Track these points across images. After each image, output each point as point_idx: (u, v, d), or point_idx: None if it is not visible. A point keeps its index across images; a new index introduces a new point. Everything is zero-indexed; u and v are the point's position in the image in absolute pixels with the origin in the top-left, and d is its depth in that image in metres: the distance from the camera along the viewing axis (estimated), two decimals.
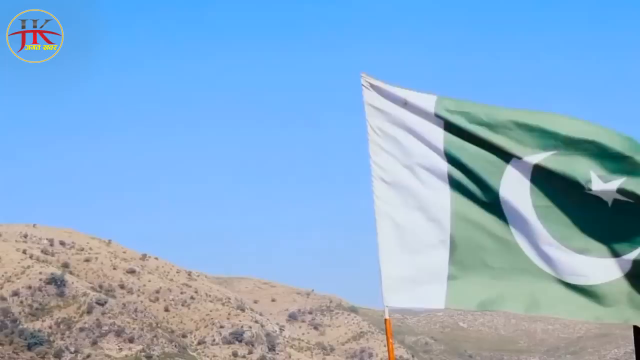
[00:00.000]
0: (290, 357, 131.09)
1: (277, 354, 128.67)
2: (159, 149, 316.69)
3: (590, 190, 6.84)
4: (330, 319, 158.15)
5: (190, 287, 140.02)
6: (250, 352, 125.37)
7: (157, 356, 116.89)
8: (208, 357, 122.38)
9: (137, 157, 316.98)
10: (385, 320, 6.97)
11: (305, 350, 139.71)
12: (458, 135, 7.04)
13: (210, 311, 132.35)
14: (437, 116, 7.04)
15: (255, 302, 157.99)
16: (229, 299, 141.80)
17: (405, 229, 7.08)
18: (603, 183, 6.85)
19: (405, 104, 7.11)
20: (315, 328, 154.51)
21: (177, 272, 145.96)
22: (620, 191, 6.78)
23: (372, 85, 7.20)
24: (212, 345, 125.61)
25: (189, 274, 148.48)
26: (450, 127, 7.06)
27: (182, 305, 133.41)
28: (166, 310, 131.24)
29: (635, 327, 6.95)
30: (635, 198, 6.76)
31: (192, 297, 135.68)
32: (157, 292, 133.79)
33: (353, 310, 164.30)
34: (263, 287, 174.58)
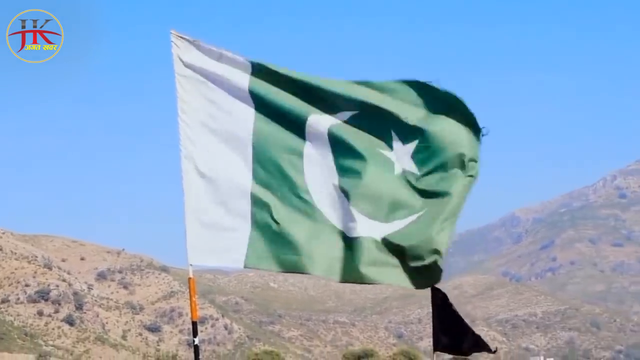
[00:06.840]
0: (98, 316, 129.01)
1: (85, 312, 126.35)
2: None
3: (391, 148, 6.94)
4: (141, 278, 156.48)
5: None
6: (56, 311, 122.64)
7: None
8: (12, 316, 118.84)
9: None
10: (189, 279, 6.97)
11: (114, 310, 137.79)
12: (266, 96, 7.05)
13: (16, 269, 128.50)
14: (250, 72, 7.03)
15: (64, 260, 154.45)
16: (36, 257, 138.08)
17: (210, 188, 7.04)
18: (402, 144, 6.98)
19: (218, 59, 7.07)
20: (125, 287, 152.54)
21: None
22: (414, 158, 6.89)
23: (182, 42, 7.11)
24: (16, 304, 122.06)
25: None
26: (260, 83, 7.06)
27: None
28: None
29: (432, 288, 7.14)
30: (424, 169, 6.83)
31: None
32: None
33: (164, 269, 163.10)
34: (72, 245, 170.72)
